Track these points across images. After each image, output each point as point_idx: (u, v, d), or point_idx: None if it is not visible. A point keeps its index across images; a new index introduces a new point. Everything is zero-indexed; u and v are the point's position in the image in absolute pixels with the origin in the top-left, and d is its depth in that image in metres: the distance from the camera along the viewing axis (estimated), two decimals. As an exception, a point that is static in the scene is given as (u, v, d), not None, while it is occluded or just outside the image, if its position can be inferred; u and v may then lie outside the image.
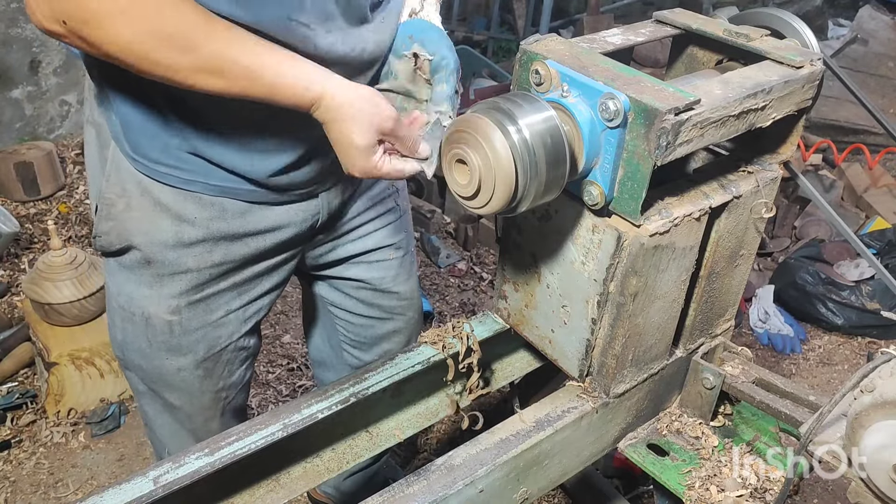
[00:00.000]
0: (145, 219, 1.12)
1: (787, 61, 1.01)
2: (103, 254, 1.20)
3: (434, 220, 3.38)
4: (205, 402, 1.30)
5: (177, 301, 1.18)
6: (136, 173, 1.10)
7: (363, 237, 1.39)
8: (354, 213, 1.35)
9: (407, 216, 1.49)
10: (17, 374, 2.47)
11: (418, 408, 1.22)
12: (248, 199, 1.15)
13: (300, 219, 1.22)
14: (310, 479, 1.11)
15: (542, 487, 1.10)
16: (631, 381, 1.09)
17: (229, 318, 1.24)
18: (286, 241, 1.23)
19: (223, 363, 1.28)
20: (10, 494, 2.09)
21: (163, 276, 1.16)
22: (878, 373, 0.85)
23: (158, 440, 1.39)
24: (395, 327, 1.53)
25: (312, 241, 1.33)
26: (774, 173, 1.09)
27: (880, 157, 3.37)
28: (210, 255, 1.16)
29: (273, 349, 2.66)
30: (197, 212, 1.12)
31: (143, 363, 1.25)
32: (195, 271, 1.17)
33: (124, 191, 1.12)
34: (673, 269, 1.01)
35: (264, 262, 1.24)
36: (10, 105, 3.51)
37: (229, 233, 1.16)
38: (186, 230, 1.13)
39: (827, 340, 2.91)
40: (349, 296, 1.47)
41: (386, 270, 1.45)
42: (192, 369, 1.25)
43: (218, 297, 1.21)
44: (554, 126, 0.85)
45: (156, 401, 1.31)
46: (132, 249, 1.15)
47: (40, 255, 2.61)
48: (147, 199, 1.11)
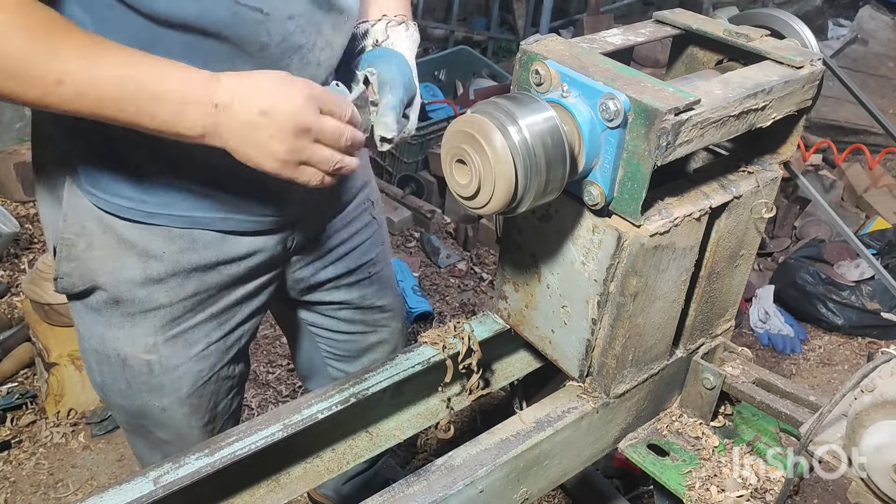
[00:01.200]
0: (109, 257, 1.06)
1: (787, 61, 1.01)
2: (67, 297, 1.13)
3: (434, 220, 3.38)
4: (194, 438, 1.25)
5: (153, 339, 1.12)
6: (96, 209, 1.03)
7: (341, 258, 1.35)
8: (332, 231, 1.31)
9: (383, 228, 1.45)
10: (17, 375, 2.47)
11: (418, 408, 1.22)
12: (219, 228, 1.09)
13: (273, 242, 1.18)
14: (310, 480, 1.10)
15: (542, 488, 1.10)
16: (631, 381, 1.09)
17: (210, 350, 1.18)
18: (261, 264, 1.18)
19: (208, 396, 1.23)
20: (10, 495, 2.09)
21: (134, 314, 1.10)
22: (878, 373, 0.85)
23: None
24: (379, 338, 1.51)
25: (290, 263, 1.28)
26: (774, 173, 1.09)
27: (880, 157, 3.37)
28: (182, 289, 1.10)
29: (273, 349, 2.66)
30: (165, 246, 1.06)
31: (125, 404, 1.20)
32: (168, 306, 1.11)
33: (84, 229, 1.05)
34: (673, 270, 1.01)
35: (241, 287, 1.18)
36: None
37: (201, 264, 1.10)
38: (154, 266, 1.07)
39: (827, 341, 2.91)
40: (330, 317, 1.44)
41: (366, 288, 1.42)
42: (177, 407, 1.20)
43: (196, 329, 1.15)
44: (554, 126, 0.85)
45: (147, 437, 1.26)
46: (97, 290, 1.09)
47: (40, 255, 2.61)
48: (110, 237, 1.05)
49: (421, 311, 2.80)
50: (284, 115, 0.87)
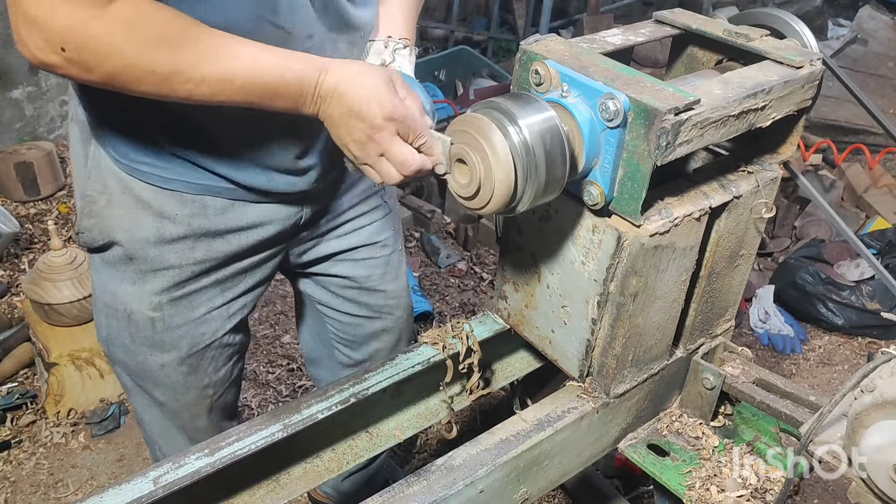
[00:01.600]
0: (126, 215, 1.13)
1: (787, 61, 1.01)
2: (87, 250, 1.20)
3: (434, 220, 3.38)
4: (190, 399, 1.30)
5: (158, 298, 1.18)
6: (117, 171, 1.11)
7: (348, 234, 1.38)
8: (340, 209, 1.35)
9: (394, 214, 1.48)
10: (17, 375, 2.47)
11: (418, 408, 1.22)
12: (229, 196, 1.15)
13: (283, 216, 1.22)
14: (310, 480, 1.10)
15: (542, 488, 1.10)
16: (631, 381, 1.09)
17: (212, 315, 1.24)
18: (269, 239, 1.23)
19: (208, 360, 1.28)
20: (10, 495, 2.10)
21: (145, 272, 1.16)
22: (878, 373, 0.85)
23: (150, 437, 1.40)
24: (383, 326, 1.52)
25: (296, 238, 1.32)
26: (774, 173, 1.09)
27: (880, 157, 3.37)
28: (192, 252, 1.16)
29: (273, 349, 2.66)
30: (178, 209, 1.13)
31: (126, 359, 1.26)
32: (177, 268, 1.17)
33: (105, 187, 1.12)
34: (673, 269, 1.01)
35: (247, 259, 1.24)
36: (10, 105, 3.51)
37: (210, 229, 1.16)
38: (168, 227, 1.13)
39: (827, 340, 2.91)
40: (336, 294, 1.46)
41: (372, 269, 1.44)
42: (175, 366, 1.25)
43: (200, 293, 1.21)
44: (554, 126, 0.85)
45: (143, 396, 1.32)
46: (114, 245, 1.16)
47: (40, 255, 2.61)
48: (128, 196, 1.12)
49: (421, 310, 2.80)
50: (361, 124, 0.95)
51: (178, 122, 1.05)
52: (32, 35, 0.84)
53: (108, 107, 1.06)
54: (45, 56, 0.85)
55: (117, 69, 0.87)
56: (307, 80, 0.94)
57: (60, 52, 0.84)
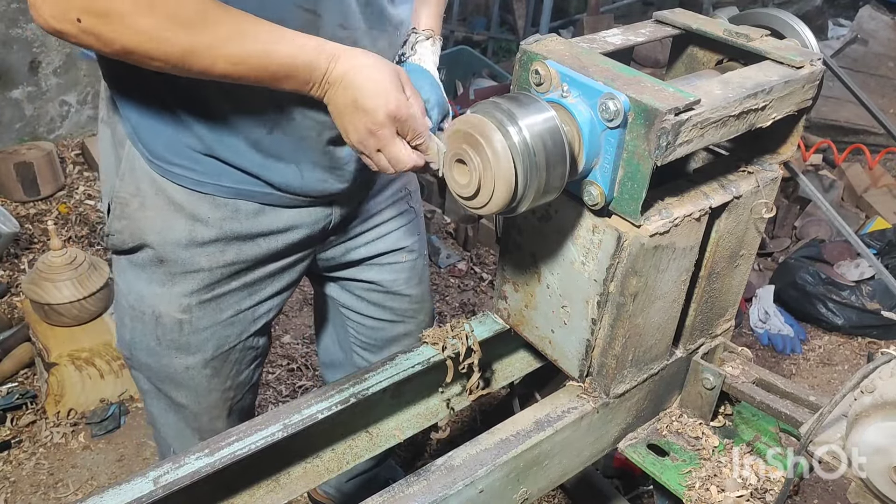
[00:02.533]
0: (159, 218, 1.13)
1: (787, 61, 1.01)
2: (115, 252, 1.20)
3: (434, 220, 3.38)
4: (211, 402, 1.31)
5: (188, 300, 1.18)
6: (151, 172, 1.11)
7: (376, 240, 1.39)
8: (368, 214, 1.35)
9: (420, 219, 1.49)
10: (17, 375, 2.47)
11: (418, 408, 1.22)
12: (261, 200, 1.15)
13: (312, 220, 1.23)
14: (310, 480, 1.10)
15: (542, 488, 1.10)
16: (631, 381, 1.09)
17: (239, 318, 1.25)
18: (298, 243, 1.24)
19: (231, 362, 1.29)
20: (10, 495, 2.10)
21: (175, 274, 1.17)
22: (878, 373, 0.85)
23: (163, 439, 1.39)
24: (405, 330, 1.52)
25: (325, 243, 1.33)
26: (774, 173, 1.09)
27: (880, 157, 3.37)
28: (222, 255, 1.17)
29: (273, 349, 2.66)
30: (210, 212, 1.13)
31: (150, 362, 1.25)
32: (207, 270, 1.17)
33: (138, 190, 1.12)
34: (673, 270, 1.01)
35: (276, 262, 1.24)
36: (10, 105, 3.51)
37: (242, 233, 1.16)
38: (200, 230, 1.14)
39: (827, 340, 2.91)
40: (361, 298, 1.47)
41: (398, 273, 1.44)
42: (200, 368, 1.25)
43: (228, 296, 1.22)
44: (554, 126, 0.85)
45: (162, 399, 1.31)
46: (145, 248, 1.16)
47: (40, 255, 2.61)
48: (161, 199, 1.12)
49: (421, 311, 2.80)
50: (364, 118, 0.97)
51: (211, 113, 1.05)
52: (48, 1, 0.83)
53: (143, 107, 1.06)
54: (58, 24, 0.85)
55: (133, 45, 0.86)
56: (318, 66, 0.95)
57: (76, 23, 0.84)
